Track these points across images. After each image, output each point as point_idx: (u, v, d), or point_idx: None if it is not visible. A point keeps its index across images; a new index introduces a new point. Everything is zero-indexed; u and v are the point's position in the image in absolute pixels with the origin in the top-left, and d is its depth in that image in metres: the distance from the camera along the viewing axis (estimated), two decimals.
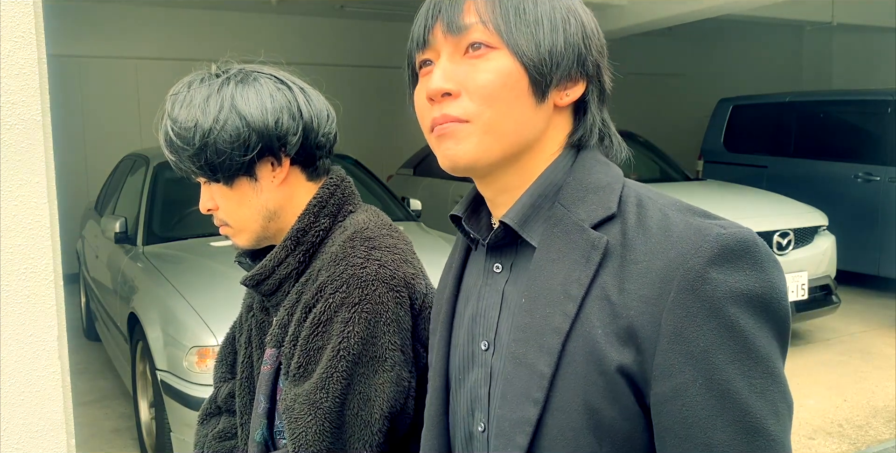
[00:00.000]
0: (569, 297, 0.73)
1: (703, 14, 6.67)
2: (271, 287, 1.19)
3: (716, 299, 0.68)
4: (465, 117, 0.76)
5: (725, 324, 0.67)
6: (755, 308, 0.68)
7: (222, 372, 1.37)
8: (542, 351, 0.73)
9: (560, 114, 0.81)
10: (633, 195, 0.78)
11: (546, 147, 0.81)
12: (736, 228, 0.71)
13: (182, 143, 1.11)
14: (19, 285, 1.76)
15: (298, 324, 1.11)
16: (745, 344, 0.68)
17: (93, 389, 4.42)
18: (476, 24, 0.76)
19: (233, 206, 1.17)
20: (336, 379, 1.05)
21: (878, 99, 6.72)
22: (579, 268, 0.73)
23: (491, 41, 0.76)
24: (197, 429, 1.38)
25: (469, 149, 0.77)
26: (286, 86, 1.16)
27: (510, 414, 0.74)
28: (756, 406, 0.68)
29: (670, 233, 0.72)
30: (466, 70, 0.76)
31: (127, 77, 8.05)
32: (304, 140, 1.15)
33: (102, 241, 4.61)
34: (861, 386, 4.38)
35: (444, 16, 0.77)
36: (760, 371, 0.68)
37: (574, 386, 0.71)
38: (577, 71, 0.78)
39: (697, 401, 0.68)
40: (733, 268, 0.68)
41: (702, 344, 0.68)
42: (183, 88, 1.14)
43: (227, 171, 1.13)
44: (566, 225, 0.76)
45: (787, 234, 4.95)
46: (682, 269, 0.69)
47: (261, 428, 1.18)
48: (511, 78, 0.76)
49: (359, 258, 1.09)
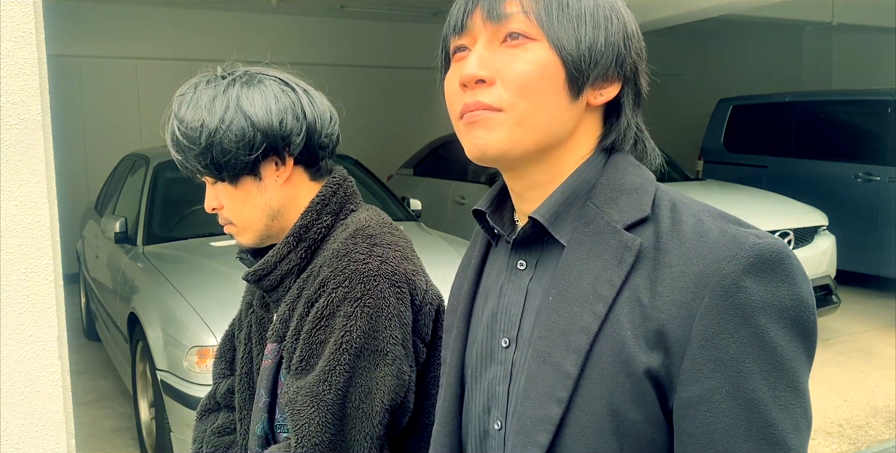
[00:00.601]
0: (599, 297, 0.72)
1: (703, 14, 6.66)
2: (273, 282, 1.21)
3: (749, 308, 0.67)
4: (498, 106, 0.75)
5: (757, 333, 0.67)
6: (786, 320, 0.68)
7: (221, 369, 1.39)
8: (568, 350, 0.72)
9: (592, 114, 0.80)
10: (667, 199, 0.77)
11: (576, 146, 0.80)
12: (771, 239, 0.71)
13: (188, 143, 1.14)
14: (19, 285, 1.76)
15: (300, 318, 1.14)
16: (774, 355, 0.68)
17: (93, 389, 4.42)
18: (518, 14, 0.74)
19: (237, 205, 1.20)
20: (338, 372, 1.07)
21: (878, 99, 6.72)
22: (611, 268, 0.73)
23: (531, 32, 0.75)
24: (195, 425, 1.40)
25: (500, 139, 0.75)
26: (290, 88, 1.19)
27: (532, 412, 0.74)
28: (779, 419, 0.68)
29: (705, 239, 0.71)
30: (504, 59, 0.75)
31: (127, 77, 8.05)
32: (307, 140, 1.18)
33: (102, 241, 4.61)
34: (861, 386, 4.38)
35: (485, 2, 0.76)
36: (786, 384, 0.68)
37: (600, 387, 0.71)
38: (614, 71, 0.77)
39: (722, 409, 0.68)
40: (768, 279, 0.68)
41: (732, 352, 0.67)
42: (189, 89, 1.17)
43: (232, 171, 1.15)
44: (598, 225, 0.76)
45: (787, 234, 4.96)
46: (717, 275, 0.68)
47: (262, 422, 1.20)
48: (548, 71, 0.74)
49: (361, 254, 1.12)
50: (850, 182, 6.66)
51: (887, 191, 6.37)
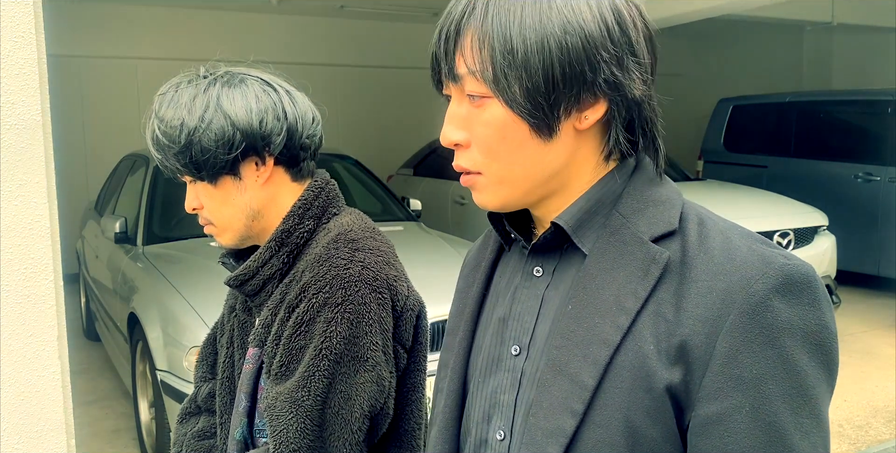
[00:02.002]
0: (622, 309, 0.70)
1: (703, 14, 6.66)
2: (255, 287, 1.20)
3: (776, 328, 0.66)
4: (476, 169, 0.75)
5: (782, 355, 0.66)
6: (811, 346, 0.67)
7: (203, 372, 1.38)
8: (586, 362, 0.70)
9: (587, 135, 0.75)
10: (694, 213, 0.75)
11: (582, 167, 0.76)
12: (799, 261, 0.69)
13: (168, 141, 1.14)
14: (19, 285, 1.76)
15: (281, 323, 1.13)
16: (798, 379, 0.66)
17: (93, 389, 4.42)
18: (467, 75, 0.73)
19: (217, 205, 1.19)
20: (318, 377, 1.07)
21: (878, 99, 6.72)
22: (636, 280, 0.70)
23: (484, 92, 0.72)
24: (175, 428, 1.40)
25: (491, 199, 0.76)
26: (272, 88, 1.19)
27: (544, 424, 0.71)
28: (800, 446, 0.66)
29: (733, 257, 0.69)
30: (472, 118, 0.75)
31: (127, 77, 8.05)
32: (288, 140, 1.17)
33: (102, 241, 4.61)
34: (861, 386, 4.37)
35: (443, 60, 0.74)
36: (809, 411, 0.67)
37: (618, 401, 0.69)
38: (585, 96, 0.71)
39: (741, 429, 0.66)
40: (796, 302, 0.67)
41: (755, 371, 0.66)
42: (170, 89, 1.17)
43: (211, 170, 1.15)
44: (624, 235, 0.73)
45: (787, 234, 4.96)
46: (744, 293, 0.67)
47: (241, 427, 1.20)
48: (507, 129, 0.72)
49: (342, 259, 1.11)
50: (850, 182, 6.66)
51: (887, 191, 6.37)
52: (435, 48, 0.75)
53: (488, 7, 0.71)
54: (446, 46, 0.73)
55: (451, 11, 0.74)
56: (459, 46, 0.72)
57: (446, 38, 0.73)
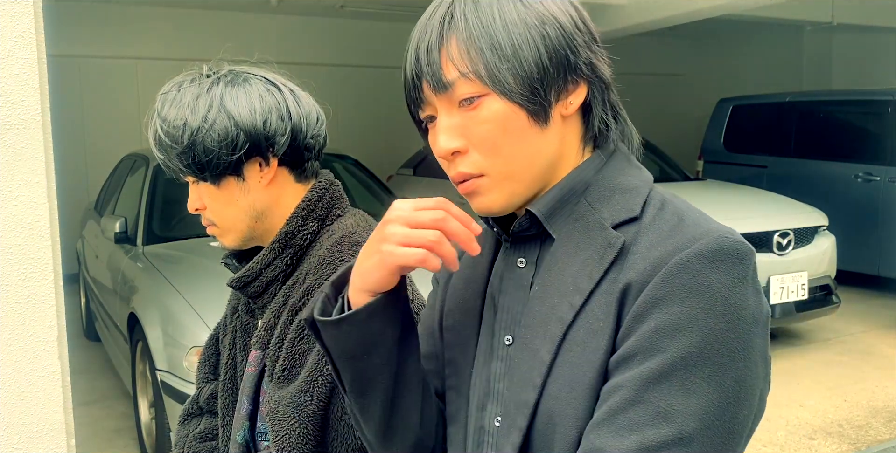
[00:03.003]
0: (577, 290, 0.74)
1: (703, 14, 6.67)
2: (258, 289, 1.19)
3: (691, 288, 0.68)
4: (479, 172, 0.78)
5: (690, 314, 0.68)
6: (727, 316, 0.68)
7: (205, 373, 1.37)
8: (545, 338, 0.75)
9: (570, 120, 0.80)
10: (658, 200, 0.78)
11: (567, 154, 0.81)
12: (739, 239, 0.72)
13: (171, 141, 1.12)
14: (19, 285, 1.76)
15: (284, 326, 1.12)
16: (702, 341, 0.68)
17: (93, 389, 4.42)
18: (459, 79, 0.75)
19: (220, 206, 1.17)
20: (321, 382, 1.05)
21: (878, 99, 6.72)
22: (592, 263, 0.75)
23: (479, 91, 0.75)
24: (177, 430, 1.39)
25: (496, 199, 0.79)
26: (276, 87, 1.17)
27: (515, 396, 0.77)
28: (674, 402, 0.67)
29: (678, 230, 0.73)
30: (466, 123, 0.77)
31: (127, 77, 8.05)
32: (292, 141, 1.16)
33: (102, 241, 4.61)
34: (861, 386, 4.38)
35: (427, 74, 0.77)
36: (705, 373, 0.67)
37: (568, 375, 0.73)
38: (571, 78, 0.77)
39: (632, 376, 0.69)
40: (720, 270, 0.69)
41: (662, 323, 0.68)
42: (173, 88, 1.15)
43: (214, 170, 1.13)
44: (588, 221, 0.78)
45: (787, 234, 4.95)
46: (676, 255, 0.70)
47: (242, 430, 1.19)
48: (509, 120, 0.76)
49: (346, 262, 1.10)
50: (850, 182, 6.66)
51: (887, 191, 6.37)
52: (413, 67, 0.78)
53: (465, 14, 0.75)
54: (429, 59, 0.76)
55: (425, 28, 0.77)
56: (445, 55, 0.76)
57: (428, 52, 0.76)
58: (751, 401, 0.70)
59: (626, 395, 0.68)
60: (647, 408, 0.67)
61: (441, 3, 0.78)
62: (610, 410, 0.69)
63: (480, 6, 0.75)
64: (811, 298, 4.98)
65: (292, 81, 1.22)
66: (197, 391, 1.38)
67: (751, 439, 0.75)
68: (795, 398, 4.20)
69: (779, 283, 4.79)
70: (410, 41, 0.79)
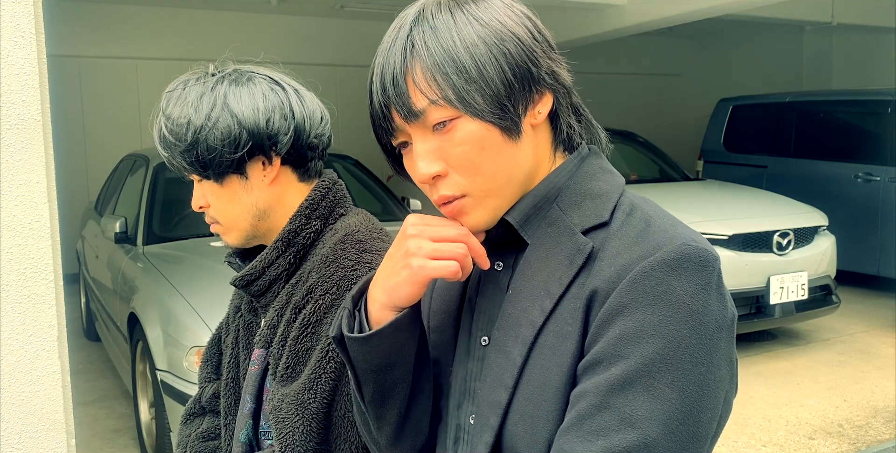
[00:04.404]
0: (548, 294, 0.77)
1: (703, 14, 6.67)
2: (261, 288, 1.19)
3: (653, 296, 0.70)
4: (461, 193, 0.79)
5: (651, 321, 0.70)
6: (690, 322, 0.70)
7: (207, 373, 1.37)
8: (517, 341, 0.78)
9: (540, 128, 0.82)
10: (628, 205, 0.80)
11: (541, 161, 0.83)
12: (703, 245, 0.73)
13: (174, 139, 1.13)
14: (19, 285, 1.76)
15: (288, 325, 1.12)
16: (665, 347, 0.69)
17: (93, 389, 4.42)
18: (429, 107, 0.76)
19: (223, 204, 1.18)
20: (324, 380, 1.06)
21: (878, 99, 6.72)
22: (562, 268, 0.77)
23: (451, 114, 0.76)
24: (180, 429, 1.39)
25: (481, 217, 0.80)
26: (280, 86, 1.17)
27: (488, 397, 0.79)
28: (636, 407, 0.68)
29: (644, 237, 0.75)
30: (442, 146, 0.78)
31: (127, 77, 8.05)
32: (295, 140, 1.16)
33: (102, 241, 4.61)
34: (861, 386, 4.38)
35: (396, 104, 0.77)
36: (668, 379, 0.68)
37: (539, 377, 0.75)
38: (536, 89, 0.79)
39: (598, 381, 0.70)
40: (682, 277, 0.70)
41: (625, 330, 0.70)
42: (178, 86, 1.16)
43: (217, 168, 1.14)
44: (559, 226, 0.80)
45: (787, 234, 4.95)
46: (639, 263, 0.72)
47: (246, 429, 1.19)
48: (484, 139, 0.77)
49: (349, 260, 1.11)
50: (850, 182, 6.66)
51: (887, 191, 6.37)
52: (381, 98, 0.79)
53: (425, 41, 0.76)
54: (396, 90, 0.77)
55: (387, 58, 0.78)
56: (412, 84, 0.76)
57: (394, 83, 0.77)
58: (714, 405, 0.71)
59: (592, 401, 0.70)
60: (613, 414, 0.69)
61: (399, 32, 0.78)
62: (578, 416, 0.71)
63: (438, 31, 0.76)
64: (811, 298, 4.99)
65: (297, 80, 1.22)
66: (199, 390, 1.38)
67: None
68: (795, 398, 4.20)
69: (779, 283, 4.79)
70: (373, 71, 0.80)
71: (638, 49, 10.40)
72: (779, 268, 4.84)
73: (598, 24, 7.31)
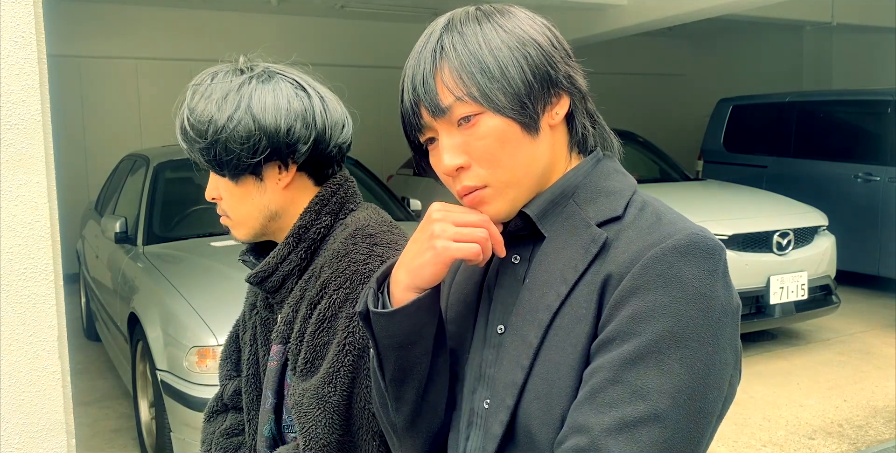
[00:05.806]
0: (563, 281, 0.82)
1: (703, 14, 6.67)
2: (275, 284, 1.21)
3: (665, 278, 0.75)
4: (482, 184, 0.85)
5: (661, 302, 0.75)
6: (698, 305, 0.75)
7: (227, 370, 1.39)
8: (533, 324, 0.83)
9: (557, 129, 0.88)
10: (640, 201, 0.86)
11: (558, 160, 0.89)
12: (710, 236, 0.79)
13: (195, 135, 1.14)
14: (19, 285, 1.77)
15: (304, 320, 1.14)
16: (674, 326, 0.74)
17: (93, 389, 4.42)
18: (455, 103, 0.83)
19: (235, 202, 1.19)
20: (343, 373, 1.08)
21: (878, 99, 6.72)
22: (578, 257, 0.83)
23: (474, 110, 0.83)
24: (203, 427, 1.40)
25: (500, 207, 0.86)
26: (306, 93, 1.17)
27: (503, 377, 0.84)
28: (647, 381, 0.73)
29: (655, 228, 0.81)
30: (466, 140, 0.84)
31: (127, 77, 8.06)
32: (313, 150, 1.17)
33: (102, 241, 4.61)
34: (861, 386, 4.38)
35: (424, 100, 0.84)
36: (677, 356, 0.73)
37: (555, 358, 0.80)
38: (554, 91, 0.85)
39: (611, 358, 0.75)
40: (691, 263, 0.76)
41: (638, 309, 0.75)
42: (206, 79, 1.16)
43: (233, 169, 1.15)
44: (575, 220, 0.86)
45: (787, 234, 4.96)
46: (651, 250, 0.77)
47: (269, 424, 1.21)
48: (505, 133, 0.83)
49: (361, 254, 1.12)
50: (850, 182, 6.66)
51: (887, 191, 6.37)
52: (411, 96, 0.86)
53: (454, 45, 0.84)
54: (426, 88, 0.84)
55: (418, 60, 0.86)
56: (440, 82, 0.83)
57: (424, 82, 0.84)
58: (720, 385, 0.76)
59: (605, 376, 0.75)
60: (625, 387, 0.74)
61: (430, 37, 0.86)
62: (591, 390, 0.76)
63: (466, 36, 0.84)
64: (811, 298, 4.99)
65: (324, 85, 1.22)
66: (220, 388, 1.40)
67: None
68: (795, 398, 4.20)
69: (779, 283, 4.79)
70: (405, 72, 0.87)
71: (638, 49, 10.40)
72: (779, 268, 4.84)
73: (598, 24, 7.31)
